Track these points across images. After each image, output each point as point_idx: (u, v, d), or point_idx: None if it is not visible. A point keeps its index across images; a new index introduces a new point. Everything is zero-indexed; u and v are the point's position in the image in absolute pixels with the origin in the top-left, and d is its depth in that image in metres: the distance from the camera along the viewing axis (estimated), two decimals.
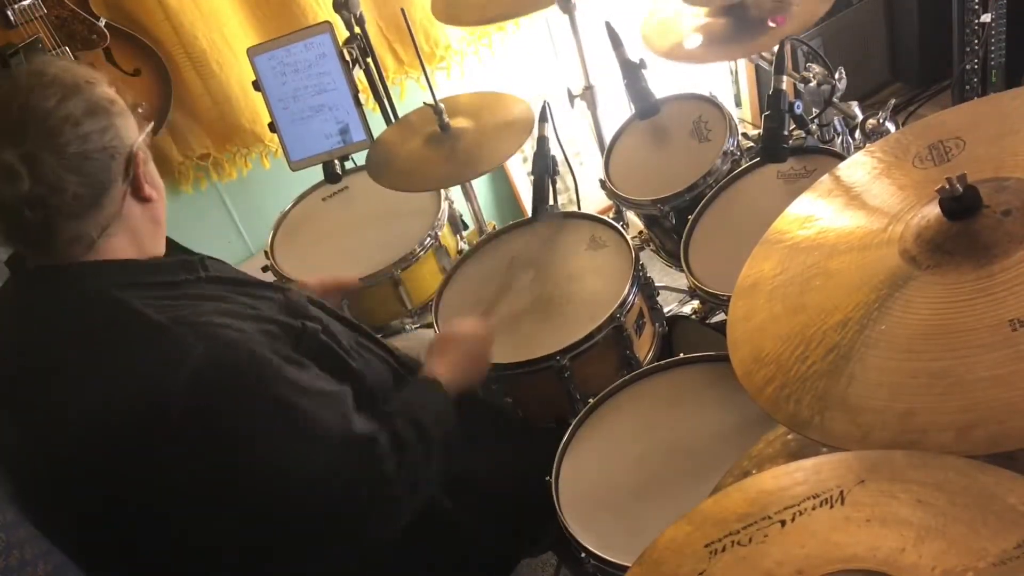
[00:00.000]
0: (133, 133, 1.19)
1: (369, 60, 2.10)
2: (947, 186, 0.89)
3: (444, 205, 1.97)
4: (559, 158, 1.85)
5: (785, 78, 1.61)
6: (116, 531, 1.18)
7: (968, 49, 2.34)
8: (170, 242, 1.33)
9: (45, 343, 1.16)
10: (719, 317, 1.76)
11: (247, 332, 1.16)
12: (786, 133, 1.60)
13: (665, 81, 2.20)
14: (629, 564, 0.81)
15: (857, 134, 1.80)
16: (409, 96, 2.55)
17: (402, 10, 1.91)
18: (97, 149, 1.12)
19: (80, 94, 1.13)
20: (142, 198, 1.20)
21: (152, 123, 1.25)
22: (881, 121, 1.73)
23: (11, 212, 1.10)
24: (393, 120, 2.20)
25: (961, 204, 0.90)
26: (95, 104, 1.14)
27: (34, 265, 1.18)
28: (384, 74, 2.30)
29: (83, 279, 1.16)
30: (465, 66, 2.61)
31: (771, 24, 1.79)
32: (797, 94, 1.82)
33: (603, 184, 1.94)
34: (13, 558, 1.04)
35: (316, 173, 2.12)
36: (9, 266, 1.22)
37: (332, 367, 1.26)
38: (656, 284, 1.75)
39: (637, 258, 1.63)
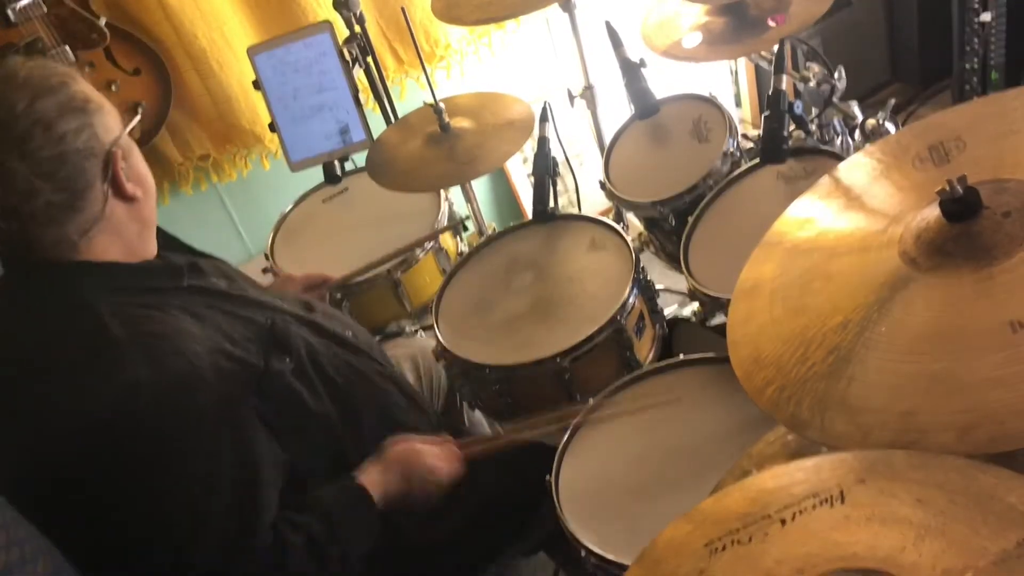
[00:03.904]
0: (112, 130, 1.15)
1: (369, 59, 2.10)
2: (947, 188, 0.89)
3: (444, 207, 1.97)
4: (559, 159, 1.85)
5: (785, 78, 1.61)
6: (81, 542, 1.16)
7: (968, 49, 2.34)
8: (173, 239, 1.31)
9: (18, 344, 1.14)
10: (719, 319, 1.76)
11: (200, 368, 1.11)
12: (786, 133, 1.60)
13: (665, 81, 2.19)
14: (629, 563, 0.81)
15: (857, 134, 1.80)
16: (409, 96, 2.55)
17: (402, 9, 1.91)
18: (72, 151, 1.09)
19: (53, 94, 1.09)
20: (126, 197, 1.17)
21: (139, 115, 1.21)
22: (881, 121, 1.73)
23: None
24: (393, 120, 2.20)
25: (961, 206, 0.90)
26: (68, 104, 1.10)
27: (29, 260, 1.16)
28: (384, 73, 2.31)
29: (65, 279, 1.14)
30: (465, 65, 2.61)
31: (771, 23, 1.79)
32: (797, 94, 1.82)
33: (603, 186, 1.94)
34: (13, 554, 1.04)
35: (316, 174, 2.12)
36: (1, 257, 1.20)
37: (288, 416, 1.22)
38: (656, 286, 1.75)
39: (637, 260, 1.63)
